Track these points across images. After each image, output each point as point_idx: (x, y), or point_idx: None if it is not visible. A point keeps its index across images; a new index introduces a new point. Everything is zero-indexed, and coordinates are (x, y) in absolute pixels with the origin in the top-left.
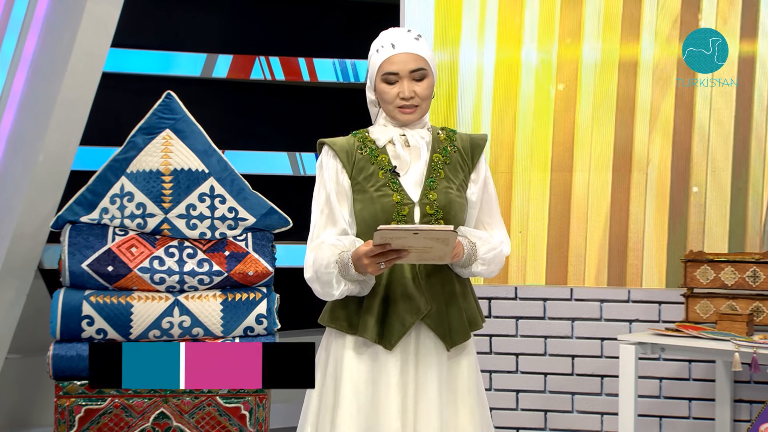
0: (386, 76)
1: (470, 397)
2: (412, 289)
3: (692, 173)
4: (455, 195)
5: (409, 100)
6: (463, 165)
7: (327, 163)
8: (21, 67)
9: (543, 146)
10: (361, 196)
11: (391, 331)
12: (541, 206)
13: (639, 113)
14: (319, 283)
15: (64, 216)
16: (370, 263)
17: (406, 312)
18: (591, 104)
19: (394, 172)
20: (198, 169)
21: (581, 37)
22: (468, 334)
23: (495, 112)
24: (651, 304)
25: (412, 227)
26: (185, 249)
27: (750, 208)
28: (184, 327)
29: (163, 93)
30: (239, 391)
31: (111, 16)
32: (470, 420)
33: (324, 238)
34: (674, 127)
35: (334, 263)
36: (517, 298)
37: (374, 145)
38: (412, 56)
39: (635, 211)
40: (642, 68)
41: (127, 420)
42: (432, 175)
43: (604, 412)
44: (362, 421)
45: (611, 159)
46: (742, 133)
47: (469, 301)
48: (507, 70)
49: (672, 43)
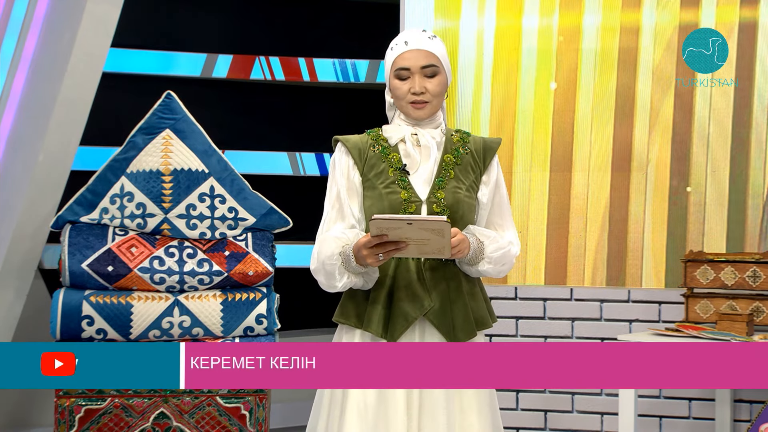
0: (398, 72)
1: (477, 395)
2: (416, 284)
3: (692, 173)
4: (464, 195)
5: (419, 95)
6: (475, 167)
7: (339, 160)
8: (21, 67)
9: (543, 144)
10: (370, 192)
11: (394, 326)
12: (541, 206)
13: (639, 113)
14: (323, 274)
15: (64, 216)
16: (369, 254)
17: (409, 307)
18: (590, 102)
19: (403, 170)
20: (198, 169)
21: (580, 36)
22: (473, 332)
23: (493, 111)
24: (651, 304)
25: (405, 217)
26: (185, 249)
27: (750, 208)
28: (184, 327)
29: (163, 93)
30: (239, 391)
31: (111, 16)
32: (477, 418)
33: (331, 232)
34: (674, 127)
35: (338, 255)
36: (517, 298)
37: (386, 143)
38: (423, 53)
39: (635, 211)
40: (642, 67)
41: (127, 420)
42: (441, 174)
43: (604, 412)
44: (370, 416)
45: (611, 158)
46: (743, 133)
47: (478, 300)
48: (506, 70)
49: (671, 43)
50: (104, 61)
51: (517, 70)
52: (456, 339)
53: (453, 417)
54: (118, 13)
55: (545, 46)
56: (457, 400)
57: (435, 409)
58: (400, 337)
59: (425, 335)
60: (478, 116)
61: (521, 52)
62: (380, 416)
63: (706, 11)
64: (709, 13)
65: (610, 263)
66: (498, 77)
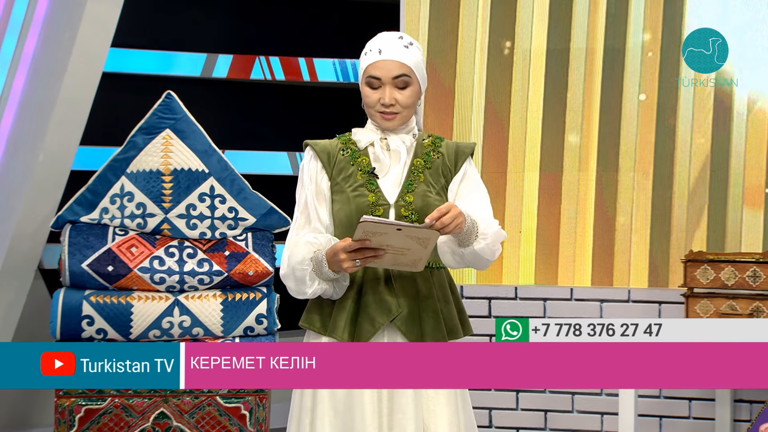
0: (369, 80)
1: (448, 397)
2: (384, 290)
3: (691, 173)
4: (434, 199)
5: (389, 107)
6: (446, 171)
7: (308, 164)
8: (21, 67)
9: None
10: (338, 196)
11: (360, 332)
12: (533, 205)
13: (641, 113)
14: (293, 280)
15: (64, 216)
16: (347, 258)
17: (376, 312)
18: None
19: (372, 174)
20: (198, 169)
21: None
22: (444, 340)
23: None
24: (651, 304)
25: (396, 223)
26: (185, 249)
27: (750, 207)
28: (184, 327)
29: (163, 93)
30: (239, 391)
31: (111, 16)
32: (447, 421)
33: (301, 236)
34: (675, 126)
35: (309, 260)
36: (517, 298)
37: (356, 146)
38: (396, 64)
39: (634, 211)
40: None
41: (127, 420)
42: (411, 178)
43: (604, 412)
44: (339, 423)
45: (617, 158)
46: (743, 133)
47: (450, 308)
48: (503, 69)
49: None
50: (104, 61)
51: (515, 67)
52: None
53: (420, 408)
54: (118, 13)
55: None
56: (424, 392)
57: (404, 402)
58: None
59: (395, 341)
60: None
61: (516, 55)
62: (348, 417)
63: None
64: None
65: (607, 262)
66: (492, 76)
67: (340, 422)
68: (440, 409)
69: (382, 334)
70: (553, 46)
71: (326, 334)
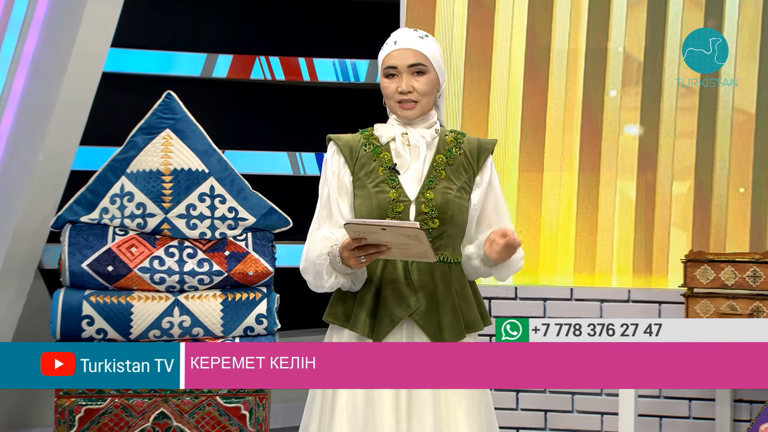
0: (386, 70)
1: (465, 395)
2: (403, 284)
3: (694, 172)
4: (454, 196)
5: (407, 94)
6: (468, 167)
7: (331, 159)
8: (21, 67)
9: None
10: (360, 191)
11: (380, 327)
12: (538, 205)
13: (643, 114)
14: (311, 274)
15: (64, 216)
16: (350, 256)
17: (395, 307)
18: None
19: (393, 170)
20: (198, 169)
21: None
22: (462, 333)
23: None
24: (651, 304)
25: (378, 222)
26: (185, 249)
27: (751, 207)
28: (184, 327)
29: (163, 93)
30: (239, 391)
31: (111, 16)
32: (467, 420)
33: (320, 231)
34: (675, 126)
35: (326, 255)
36: (517, 298)
37: (378, 142)
38: (411, 51)
39: (635, 211)
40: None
41: (127, 420)
42: (432, 174)
43: (604, 412)
44: (359, 417)
45: (625, 158)
46: (742, 133)
47: (470, 302)
48: (504, 71)
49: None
50: (104, 61)
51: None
52: (443, 341)
53: (440, 418)
54: (118, 13)
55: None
56: (444, 400)
57: (423, 410)
58: (385, 337)
59: (414, 336)
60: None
61: (521, 57)
62: (368, 416)
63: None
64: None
65: (606, 261)
66: (489, 77)
67: (360, 416)
68: (460, 419)
69: (401, 328)
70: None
71: (348, 328)
